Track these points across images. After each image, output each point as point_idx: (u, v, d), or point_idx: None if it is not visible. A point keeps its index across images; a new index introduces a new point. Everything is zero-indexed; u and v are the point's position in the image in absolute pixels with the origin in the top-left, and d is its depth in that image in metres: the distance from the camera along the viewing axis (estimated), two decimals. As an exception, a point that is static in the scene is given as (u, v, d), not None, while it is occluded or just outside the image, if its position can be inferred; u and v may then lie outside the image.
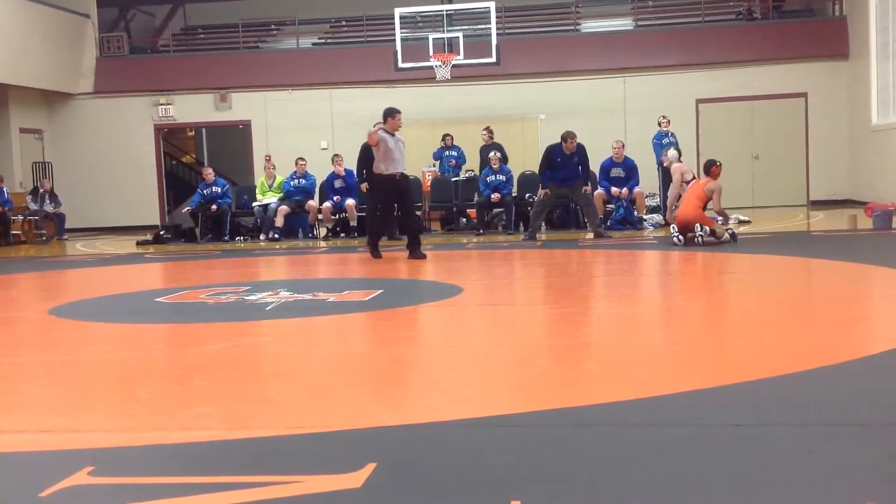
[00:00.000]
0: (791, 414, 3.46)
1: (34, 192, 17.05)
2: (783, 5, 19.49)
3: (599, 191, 13.91)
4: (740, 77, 17.71)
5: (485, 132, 15.81)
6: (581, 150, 12.74)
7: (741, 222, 14.03)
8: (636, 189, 13.87)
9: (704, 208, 10.90)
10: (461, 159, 16.32)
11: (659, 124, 15.01)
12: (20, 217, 16.60)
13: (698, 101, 17.86)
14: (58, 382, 4.61)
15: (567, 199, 13.65)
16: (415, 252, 10.55)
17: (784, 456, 2.94)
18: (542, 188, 12.90)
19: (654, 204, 14.89)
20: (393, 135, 10.53)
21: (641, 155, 14.60)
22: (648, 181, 14.73)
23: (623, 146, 14.04)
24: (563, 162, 12.65)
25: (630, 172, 13.90)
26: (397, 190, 10.54)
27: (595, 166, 14.17)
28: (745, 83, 17.70)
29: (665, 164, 13.60)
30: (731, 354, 4.67)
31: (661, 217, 13.97)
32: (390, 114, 10.59)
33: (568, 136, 12.64)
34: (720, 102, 17.81)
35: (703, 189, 10.84)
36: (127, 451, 3.28)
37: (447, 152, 16.37)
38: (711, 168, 10.90)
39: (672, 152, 13.23)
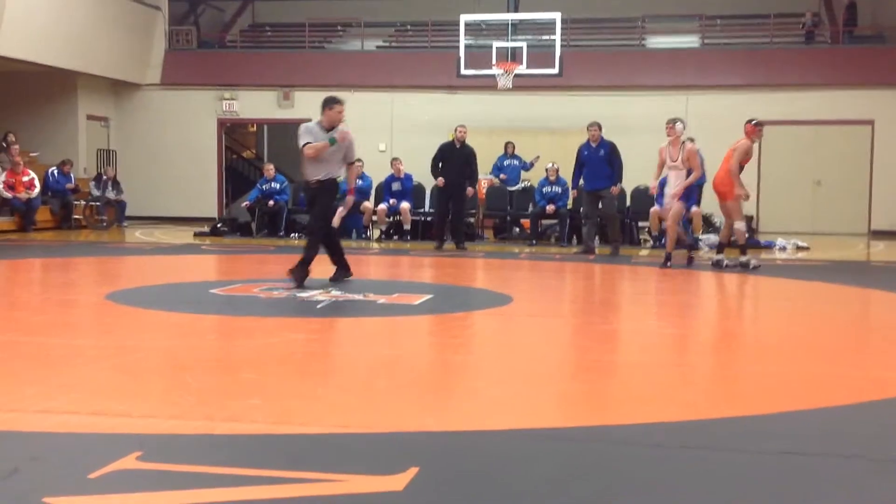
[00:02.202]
0: (840, 446, 3.40)
1: (97, 178, 17.41)
2: (854, 31, 19.16)
3: (655, 207, 13.78)
4: (806, 100, 17.45)
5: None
6: (610, 146, 12.58)
7: (799, 248, 13.81)
8: (693, 208, 13.71)
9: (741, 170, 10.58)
10: (523, 168, 16.35)
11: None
12: (82, 202, 16.95)
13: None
14: (111, 367, 4.70)
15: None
16: (340, 271, 8.52)
17: (831, 488, 2.89)
18: (573, 188, 12.89)
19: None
20: (329, 131, 8.30)
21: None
22: (707, 201, 14.54)
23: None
24: (590, 156, 12.51)
25: (688, 191, 13.73)
26: (313, 197, 8.38)
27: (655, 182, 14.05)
28: (811, 107, 17.43)
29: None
30: (781, 382, 4.60)
31: (717, 237, 13.81)
32: (326, 104, 8.49)
33: (590, 125, 12.54)
34: (784, 125, 17.56)
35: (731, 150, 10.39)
36: (175, 439, 3.34)
37: (507, 161, 16.38)
38: (746, 126, 10.45)
39: (679, 125, 10.57)
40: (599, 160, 12.44)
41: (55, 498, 2.64)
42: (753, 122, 10.46)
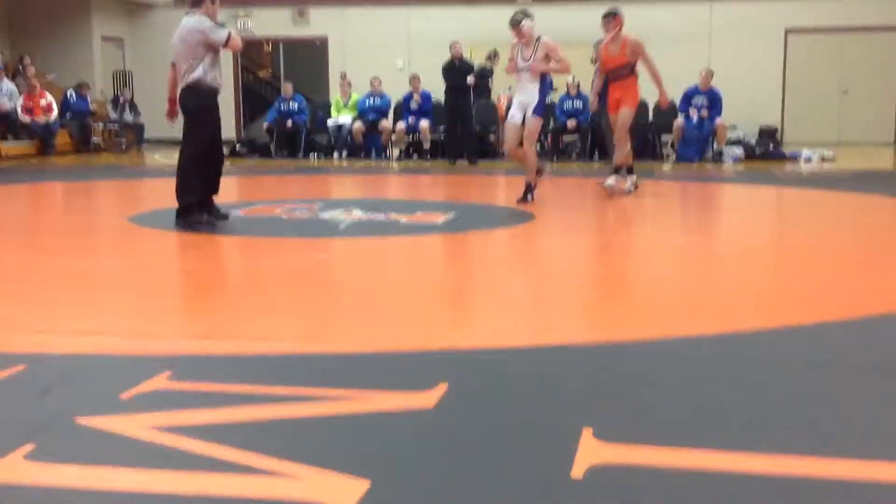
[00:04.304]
0: (875, 356, 3.37)
1: (115, 101, 17.30)
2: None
3: (680, 119, 13.60)
4: (833, 7, 16.97)
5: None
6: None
7: (824, 159, 13.60)
8: (717, 120, 13.51)
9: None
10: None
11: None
12: (100, 125, 16.88)
13: (787, 31, 17.21)
14: (138, 288, 4.71)
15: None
16: (212, 213, 6.88)
17: (866, 399, 2.87)
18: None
19: (737, 137, 14.50)
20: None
21: (726, 84, 14.17)
22: (730, 112, 14.30)
23: (711, 75, 13.61)
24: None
25: (713, 102, 13.51)
26: (215, 112, 6.89)
27: (678, 93, 13.90)
28: (837, 14, 16.95)
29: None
30: (811, 293, 4.55)
31: (742, 150, 13.66)
32: None
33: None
34: (810, 34, 17.13)
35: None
36: (205, 359, 3.35)
37: None
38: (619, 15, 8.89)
39: (527, 23, 8.17)
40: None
41: (87, 418, 2.65)
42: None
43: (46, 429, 2.60)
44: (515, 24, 8.13)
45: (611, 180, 8.85)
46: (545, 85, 8.23)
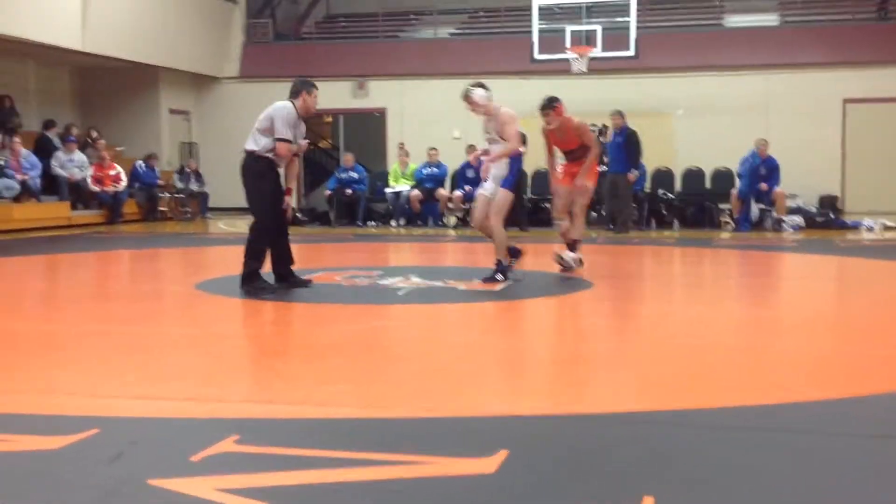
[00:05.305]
0: (938, 429, 3.34)
1: (181, 171, 17.82)
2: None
3: (737, 188, 13.64)
4: (891, 77, 16.91)
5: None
6: (627, 134, 13.48)
7: (888, 228, 13.44)
8: (776, 189, 13.48)
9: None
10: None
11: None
12: (167, 195, 17.37)
13: (845, 101, 17.15)
14: (204, 354, 4.84)
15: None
16: (295, 282, 7.30)
17: (930, 472, 2.84)
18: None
19: (796, 205, 14.44)
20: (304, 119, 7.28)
21: (785, 154, 14.17)
22: (789, 181, 14.26)
23: (768, 145, 13.65)
24: (610, 143, 13.62)
25: (771, 172, 13.52)
26: (272, 182, 7.21)
27: (735, 164, 14.01)
28: (894, 83, 16.88)
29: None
30: (874, 363, 4.51)
31: (801, 219, 13.59)
32: (306, 87, 7.10)
33: (612, 113, 13.72)
34: (869, 103, 17.05)
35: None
36: (270, 423, 3.44)
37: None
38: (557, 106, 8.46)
39: (480, 92, 7.89)
40: (616, 147, 13.08)
41: (160, 480, 2.74)
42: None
43: (119, 491, 2.69)
44: (465, 96, 7.77)
45: (569, 257, 8.38)
46: (516, 160, 7.81)
